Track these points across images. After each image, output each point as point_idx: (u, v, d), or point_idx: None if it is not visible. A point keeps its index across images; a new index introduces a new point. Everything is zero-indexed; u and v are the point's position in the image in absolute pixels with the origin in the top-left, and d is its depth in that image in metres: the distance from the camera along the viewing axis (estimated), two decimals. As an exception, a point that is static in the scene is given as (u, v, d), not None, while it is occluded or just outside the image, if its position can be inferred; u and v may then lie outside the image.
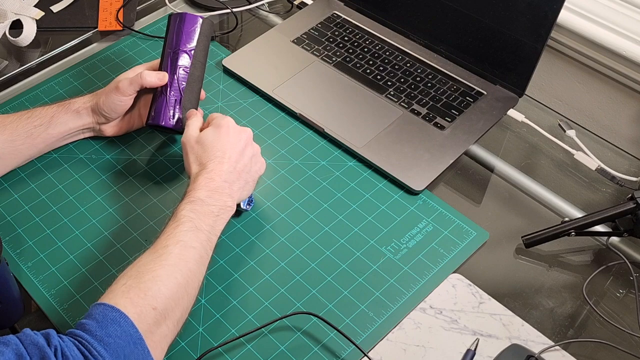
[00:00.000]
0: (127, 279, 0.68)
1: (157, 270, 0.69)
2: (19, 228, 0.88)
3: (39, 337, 0.60)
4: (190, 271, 0.72)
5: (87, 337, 0.62)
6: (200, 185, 0.78)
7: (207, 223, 0.76)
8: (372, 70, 1.07)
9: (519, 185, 0.95)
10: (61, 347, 0.60)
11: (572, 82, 1.19)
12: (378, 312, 0.80)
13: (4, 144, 0.88)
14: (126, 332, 0.63)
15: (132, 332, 0.64)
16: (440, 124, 0.99)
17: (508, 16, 0.97)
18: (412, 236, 0.87)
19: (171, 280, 0.69)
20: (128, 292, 0.67)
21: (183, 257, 0.72)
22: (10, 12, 1.16)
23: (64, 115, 0.91)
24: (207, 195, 0.77)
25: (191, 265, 0.72)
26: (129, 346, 0.63)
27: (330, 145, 0.98)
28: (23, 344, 0.60)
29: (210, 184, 0.78)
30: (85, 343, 0.61)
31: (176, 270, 0.70)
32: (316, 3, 1.20)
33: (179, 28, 0.93)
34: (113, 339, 0.62)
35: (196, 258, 0.73)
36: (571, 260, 0.87)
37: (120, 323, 0.64)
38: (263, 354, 0.76)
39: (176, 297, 0.69)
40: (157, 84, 0.91)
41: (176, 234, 0.73)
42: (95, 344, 0.61)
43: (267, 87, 1.05)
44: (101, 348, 0.61)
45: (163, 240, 0.73)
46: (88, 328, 0.63)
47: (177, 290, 0.69)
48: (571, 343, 0.78)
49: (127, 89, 0.90)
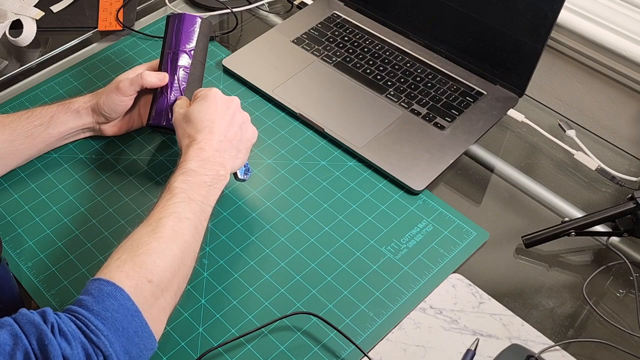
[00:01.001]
0: (122, 253, 0.68)
1: (151, 243, 0.69)
2: (19, 228, 0.88)
3: (34, 315, 0.60)
4: (185, 242, 0.71)
5: (83, 312, 0.62)
6: (191, 156, 0.78)
7: (200, 193, 0.76)
8: (372, 70, 1.07)
9: (519, 185, 0.95)
10: (58, 323, 0.60)
11: (572, 82, 1.19)
12: (378, 312, 0.80)
13: (3, 143, 0.88)
14: (123, 306, 0.63)
15: (129, 305, 0.64)
16: (440, 124, 0.99)
17: (508, 16, 0.97)
18: (412, 236, 0.87)
19: (166, 252, 0.69)
20: (123, 265, 0.66)
21: (177, 228, 0.71)
22: (10, 12, 1.16)
23: (63, 115, 0.91)
24: (198, 166, 0.77)
25: (186, 237, 0.72)
26: (127, 319, 0.63)
27: (330, 145, 0.98)
28: (19, 324, 0.59)
29: (201, 154, 0.78)
30: (82, 318, 0.61)
31: (171, 242, 0.70)
32: (316, 3, 1.20)
33: (178, 28, 0.93)
34: (110, 313, 0.62)
35: (191, 229, 0.73)
36: (571, 260, 0.87)
37: (116, 297, 0.63)
38: (263, 354, 0.76)
39: (173, 269, 0.69)
40: (157, 84, 0.91)
41: (169, 206, 0.73)
42: (93, 318, 0.61)
43: (267, 87, 1.05)
44: (99, 322, 0.61)
45: (157, 212, 0.72)
46: (84, 303, 0.63)
47: (173, 262, 0.69)
48: (571, 343, 0.78)
49: (127, 89, 0.90)
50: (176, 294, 0.71)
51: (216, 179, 0.78)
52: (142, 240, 0.69)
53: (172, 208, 0.73)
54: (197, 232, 0.74)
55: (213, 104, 0.82)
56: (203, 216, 0.75)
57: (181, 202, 0.73)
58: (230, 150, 0.81)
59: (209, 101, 0.83)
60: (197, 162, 0.77)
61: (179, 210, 0.73)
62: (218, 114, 0.82)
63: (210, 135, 0.80)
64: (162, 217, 0.72)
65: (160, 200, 0.74)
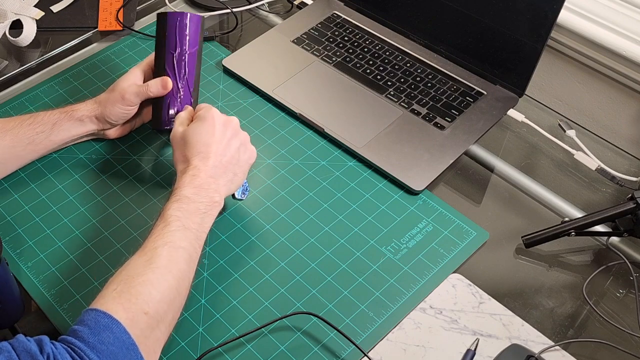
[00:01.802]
0: (117, 284, 0.67)
1: (147, 274, 0.68)
2: (19, 228, 0.88)
3: (31, 344, 0.60)
4: (180, 271, 0.71)
5: (79, 344, 0.61)
6: (185, 182, 0.77)
7: (194, 221, 0.75)
8: (372, 70, 1.07)
9: (519, 185, 0.95)
10: (54, 354, 0.60)
11: (572, 82, 1.19)
12: (378, 312, 0.80)
13: (4, 149, 0.87)
14: (119, 339, 0.63)
15: (125, 339, 0.63)
16: (440, 124, 0.99)
17: (508, 16, 0.97)
18: (412, 236, 0.87)
19: (162, 283, 0.69)
20: (119, 297, 0.66)
21: (173, 258, 0.71)
22: (10, 12, 1.16)
23: (66, 123, 0.90)
24: (193, 193, 0.77)
25: (181, 266, 0.72)
26: (122, 352, 0.63)
27: (330, 145, 0.98)
28: (16, 351, 0.59)
29: (195, 180, 0.78)
30: (78, 350, 0.61)
31: (166, 272, 0.70)
32: (316, 3, 1.20)
33: (181, 28, 0.91)
34: (106, 346, 0.62)
35: (186, 258, 0.72)
36: (571, 260, 0.87)
37: (112, 329, 0.63)
38: (263, 354, 0.76)
39: (168, 300, 0.69)
40: (163, 92, 0.90)
41: (164, 235, 0.72)
42: (88, 351, 0.61)
43: (267, 87, 1.05)
44: (94, 355, 0.61)
45: (151, 242, 0.72)
46: (80, 335, 0.62)
47: (168, 292, 0.69)
48: (571, 343, 0.78)
49: (133, 99, 0.90)
50: (171, 324, 0.70)
51: (210, 205, 0.78)
52: (138, 271, 0.69)
53: (167, 237, 0.72)
54: (192, 260, 0.74)
55: (211, 127, 0.81)
56: (197, 243, 0.75)
57: (176, 230, 0.73)
58: (226, 175, 0.81)
59: (206, 123, 0.82)
60: (191, 188, 0.77)
61: (173, 239, 0.72)
62: (215, 138, 0.81)
63: (205, 161, 0.79)
64: (156, 246, 0.71)
65: (154, 229, 0.74)
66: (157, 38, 0.93)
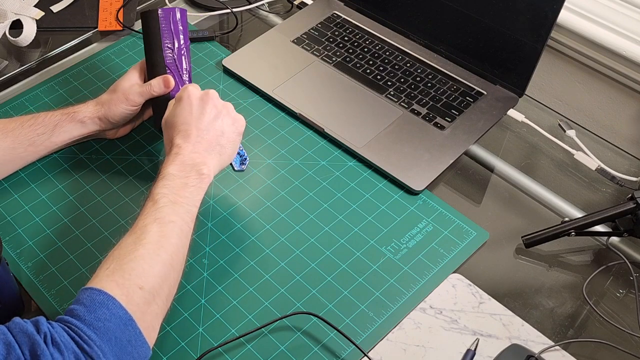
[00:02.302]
0: (110, 263, 0.68)
1: (138, 250, 0.69)
2: (19, 228, 0.88)
3: (27, 325, 0.60)
4: (172, 246, 0.71)
5: (76, 322, 0.62)
6: (169, 161, 0.78)
7: (182, 195, 0.75)
8: (372, 70, 1.07)
9: (519, 185, 0.95)
10: (51, 333, 0.60)
11: (572, 82, 1.19)
12: (378, 312, 0.80)
13: (5, 150, 0.87)
14: (115, 315, 0.63)
15: (121, 314, 0.64)
16: (440, 124, 0.99)
17: (508, 16, 0.97)
18: (412, 236, 0.87)
19: (154, 258, 0.69)
20: (112, 274, 0.66)
21: (163, 233, 0.71)
22: (10, 12, 1.16)
23: (67, 125, 0.90)
24: (177, 169, 0.77)
25: (173, 240, 0.72)
26: (119, 328, 0.63)
27: (330, 145, 0.98)
28: (12, 333, 0.59)
29: (178, 158, 0.78)
30: (75, 328, 0.61)
31: (158, 247, 0.70)
32: (316, 3, 1.20)
33: (175, 23, 0.91)
34: (102, 323, 0.62)
35: (177, 231, 0.73)
36: (571, 260, 0.87)
37: (108, 306, 0.63)
38: (263, 354, 0.76)
39: (162, 274, 0.69)
40: (166, 91, 0.90)
41: (153, 212, 0.73)
42: (85, 328, 0.61)
43: (267, 87, 1.05)
44: (91, 332, 0.61)
45: (141, 220, 0.72)
46: (77, 313, 0.63)
47: (162, 267, 0.69)
48: (571, 343, 0.78)
49: (137, 99, 0.90)
50: (167, 299, 0.70)
51: (198, 179, 0.78)
52: (129, 249, 0.69)
53: (155, 214, 0.73)
54: (184, 234, 0.74)
55: (187, 105, 0.82)
56: (188, 217, 0.75)
57: (164, 206, 0.73)
58: (212, 148, 0.81)
59: (182, 102, 0.83)
60: (175, 165, 0.77)
61: (162, 215, 0.73)
62: (192, 115, 0.81)
63: (187, 138, 0.80)
64: (146, 224, 0.72)
65: (143, 209, 0.74)
66: (148, 36, 0.91)
